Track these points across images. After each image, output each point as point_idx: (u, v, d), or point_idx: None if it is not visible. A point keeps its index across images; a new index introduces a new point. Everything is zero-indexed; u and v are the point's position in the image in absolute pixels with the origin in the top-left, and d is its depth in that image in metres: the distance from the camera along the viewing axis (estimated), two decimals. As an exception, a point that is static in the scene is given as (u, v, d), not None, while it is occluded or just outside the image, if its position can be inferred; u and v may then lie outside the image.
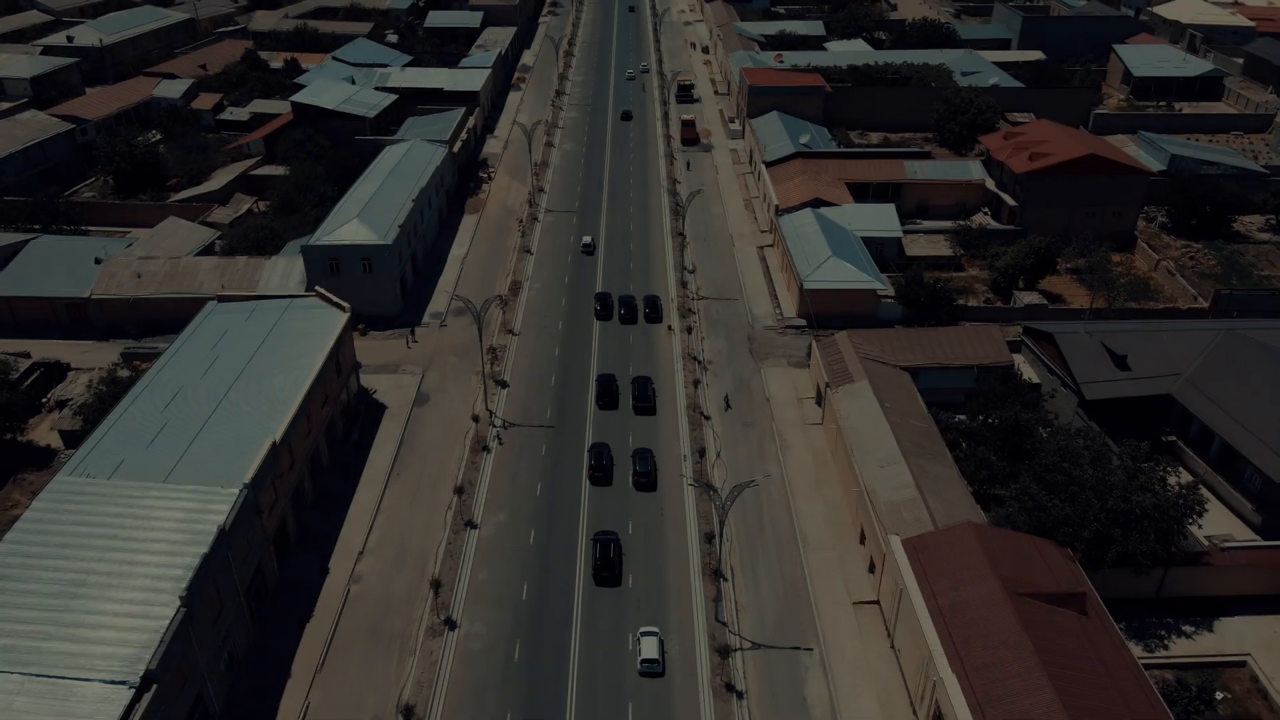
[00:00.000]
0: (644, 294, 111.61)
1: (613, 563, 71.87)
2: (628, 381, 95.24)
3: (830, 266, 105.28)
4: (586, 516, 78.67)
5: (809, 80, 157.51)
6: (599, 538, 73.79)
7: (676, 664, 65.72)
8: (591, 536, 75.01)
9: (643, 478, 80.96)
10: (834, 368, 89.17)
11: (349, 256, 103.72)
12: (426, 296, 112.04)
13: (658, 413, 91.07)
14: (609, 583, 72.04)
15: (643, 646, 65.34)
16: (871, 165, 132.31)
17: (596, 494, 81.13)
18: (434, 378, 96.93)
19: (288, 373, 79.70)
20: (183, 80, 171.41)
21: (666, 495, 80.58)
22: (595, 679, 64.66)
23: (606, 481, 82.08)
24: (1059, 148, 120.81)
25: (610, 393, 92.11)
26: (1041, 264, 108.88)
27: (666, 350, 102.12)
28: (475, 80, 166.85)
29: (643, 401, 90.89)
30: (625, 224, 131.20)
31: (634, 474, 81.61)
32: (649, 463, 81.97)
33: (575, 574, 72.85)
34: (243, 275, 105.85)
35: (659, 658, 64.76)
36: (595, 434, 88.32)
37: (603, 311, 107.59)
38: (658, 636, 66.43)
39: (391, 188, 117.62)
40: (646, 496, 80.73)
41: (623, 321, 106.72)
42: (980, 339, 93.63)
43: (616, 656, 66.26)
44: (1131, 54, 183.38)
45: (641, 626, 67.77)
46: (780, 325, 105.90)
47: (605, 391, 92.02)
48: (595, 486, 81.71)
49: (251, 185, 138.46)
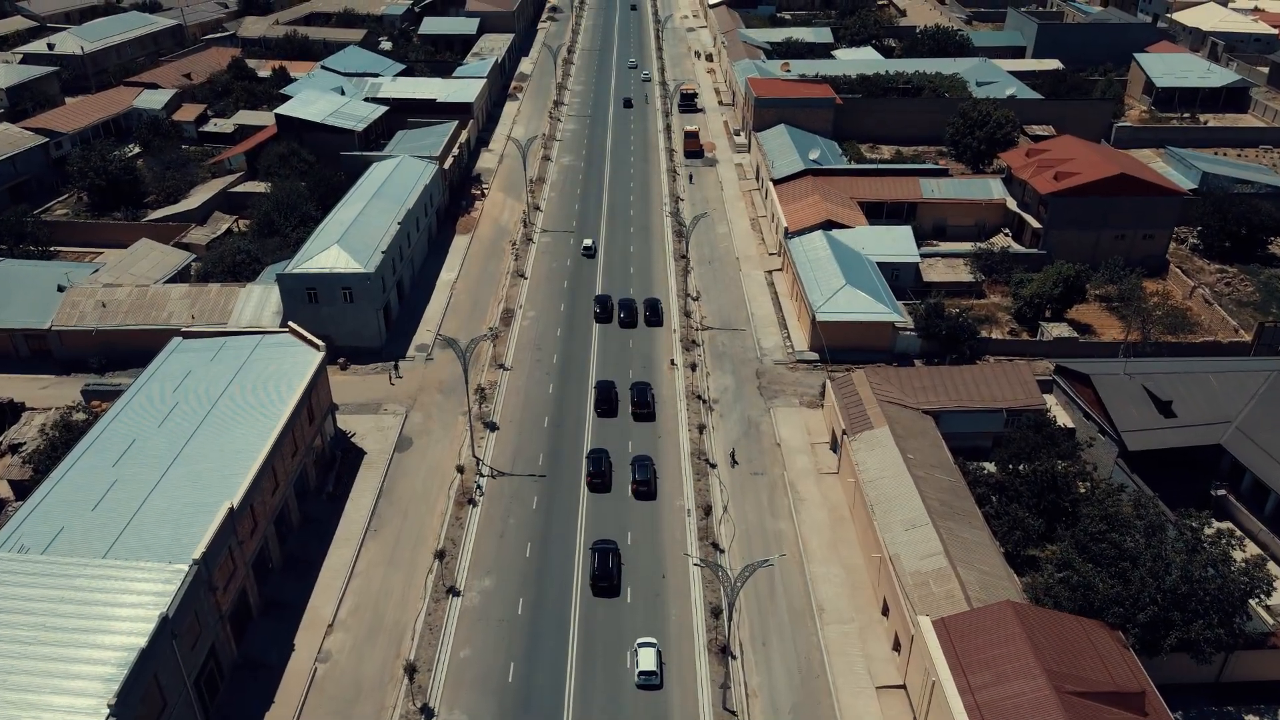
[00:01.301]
0: (645, 297, 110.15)
1: (611, 573, 69.86)
2: (627, 387, 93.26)
3: (844, 296, 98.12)
4: (585, 525, 76.43)
5: (818, 92, 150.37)
6: (598, 546, 71.89)
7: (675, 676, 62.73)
8: (590, 545, 72.94)
9: (642, 486, 78.93)
10: (851, 412, 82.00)
11: (328, 286, 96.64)
12: (413, 326, 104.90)
13: (656, 418, 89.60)
14: (608, 593, 69.57)
15: (640, 658, 63.16)
16: (886, 183, 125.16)
17: (595, 502, 78.97)
18: (418, 419, 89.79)
19: (253, 422, 72.63)
20: (165, 90, 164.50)
21: (670, 568, 73.22)
22: (591, 695, 61.51)
23: (605, 489, 79.90)
24: (1086, 166, 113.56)
25: (609, 399, 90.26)
26: (1070, 293, 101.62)
27: (667, 357, 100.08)
28: (469, 91, 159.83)
29: (642, 408, 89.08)
30: (625, 245, 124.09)
31: (633, 482, 79.41)
32: (649, 470, 79.87)
33: (567, 649, 65.70)
34: (214, 305, 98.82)
35: (657, 670, 62.69)
36: (594, 441, 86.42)
37: (602, 314, 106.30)
38: (656, 648, 64.25)
39: (377, 209, 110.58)
40: (646, 505, 78.75)
41: (623, 325, 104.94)
42: (1008, 379, 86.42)
43: (614, 669, 63.95)
44: (1153, 63, 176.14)
45: (639, 638, 65.41)
46: (791, 359, 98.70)
47: (604, 398, 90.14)
48: (594, 494, 79.73)
49: (232, 203, 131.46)
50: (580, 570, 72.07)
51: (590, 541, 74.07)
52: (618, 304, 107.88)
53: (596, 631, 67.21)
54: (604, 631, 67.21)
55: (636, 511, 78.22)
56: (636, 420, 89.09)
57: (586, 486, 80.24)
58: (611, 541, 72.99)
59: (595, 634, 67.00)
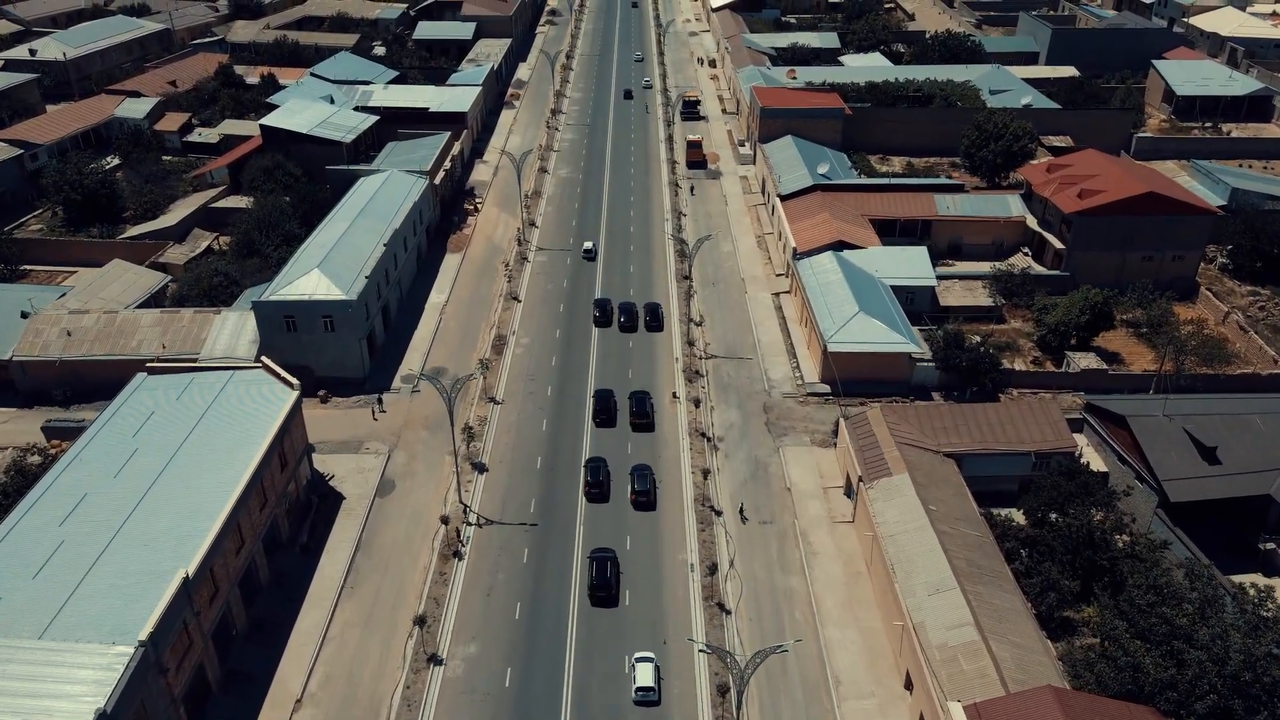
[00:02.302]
0: (645, 301, 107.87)
1: (610, 582, 68.29)
2: (626, 396, 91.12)
3: (857, 325, 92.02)
4: (581, 537, 74.59)
5: (827, 101, 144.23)
6: (595, 555, 70.25)
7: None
8: (588, 554, 71.33)
9: (641, 496, 76.98)
10: (867, 456, 75.94)
11: (307, 314, 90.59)
12: (399, 354, 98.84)
13: (655, 429, 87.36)
14: (606, 603, 68.07)
15: (638, 674, 61.43)
16: (899, 200, 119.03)
17: (593, 512, 77.31)
18: (402, 458, 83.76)
19: (218, 473, 66.58)
20: (147, 99, 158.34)
21: (670, 657, 67.14)
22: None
23: (604, 499, 78.03)
24: (1112, 183, 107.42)
25: (608, 409, 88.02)
26: (1097, 320, 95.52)
27: (668, 364, 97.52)
28: (464, 100, 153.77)
29: (641, 418, 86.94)
30: (625, 264, 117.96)
31: (632, 492, 77.53)
32: (648, 480, 77.88)
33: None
34: (187, 333, 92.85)
35: (655, 686, 60.96)
36: (592, 451, 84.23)
37: (601, 318, 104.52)
38: (654, 663, 62.37)
39: (362, 228, 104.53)
40: (646, 516, 76.78)
41: (623, 329, 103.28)
42: (1036, 418, 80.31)
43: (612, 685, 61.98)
44: (1173, 70, 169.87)
45: (637, 653, 63.52)
46: (800, 392, 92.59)
47: (603, 408, 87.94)
48: (592, 504, 77.97)
49: (214, 219, 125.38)
50: (573, 632, 66.13)
51: (587, 561, 71.44)
52: (617, 308, 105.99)
53: (599, 585, 67.84)
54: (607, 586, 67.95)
55: (635, 522, 76.16)
56: (635, 430, 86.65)
57: (584, 496, 78.25)
58: (610, 550, 71.49)
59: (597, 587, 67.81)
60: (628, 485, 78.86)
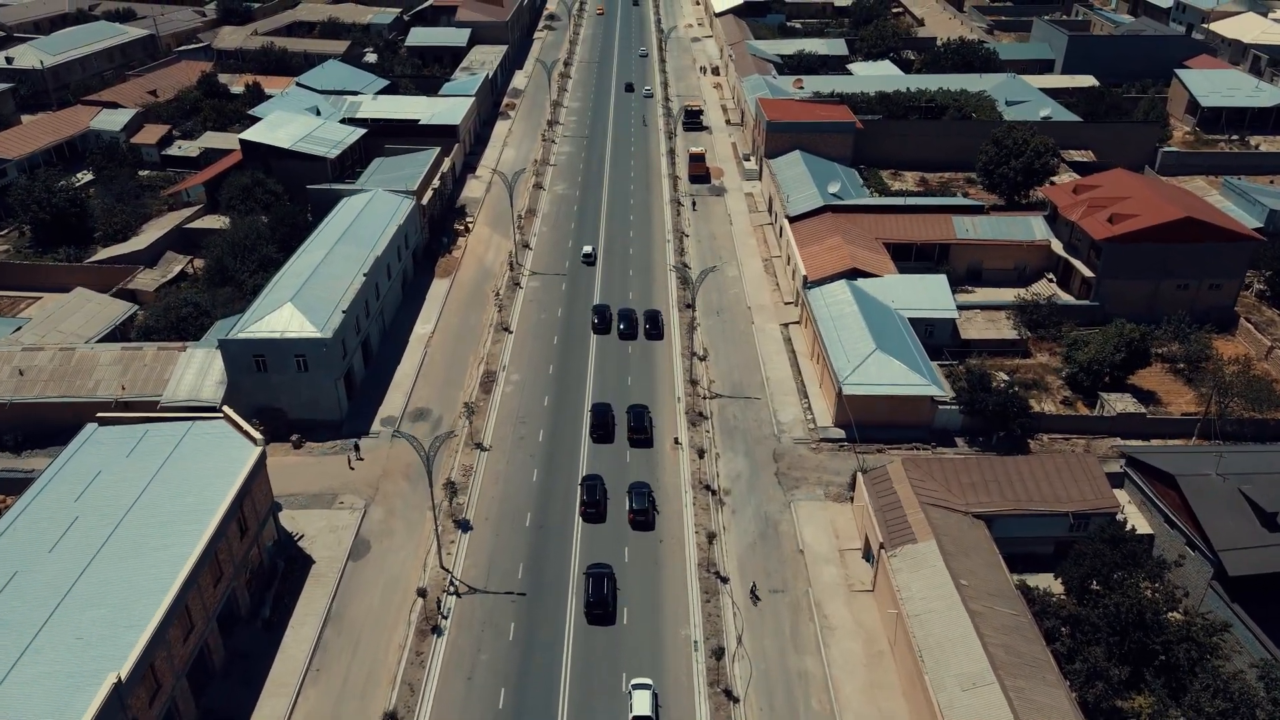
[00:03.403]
0: (645, 308, 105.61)
1: (606, 599, 65.96)
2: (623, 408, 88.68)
3: (874, 365, 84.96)
4: (578, 554, 72.40)
5: (837, 114, 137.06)
6: (592, 571, 68.08)
7: None
8: (584, 570, 69.14)
9: (639, 516, 74.27)
10: (888, 517, 68.91)
11: (278, 353, 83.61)
12: (380, 393, 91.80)
13: (654, 445, 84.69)
14: (602, 621, 65.82)
15: (634, 702, 58.70)
16: (915, 222, 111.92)
17: (589, 530, 74.71)
18: (379, 515, 76.73)
19: (167, 546, 59.64)
20: (125, 110, 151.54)
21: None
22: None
23: (600, 519, 75.50)
24: (1145, 207, 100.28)
25: (606, 424, 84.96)
26: (1133, 359, 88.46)
27: (667, 375, 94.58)
28: (455, 112, 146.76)
29: (639, 433, 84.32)
30: (625, 292, 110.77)
31: (630, 511, 74.71)
32: (645, 499, 75.18)
33: None
34: (149, 372, 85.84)
35: (653, 715, 58.10)
36: (589, 468, 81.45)
37: (600, 325, 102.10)
38: (651, 690, 59.57)
39: (342, 256, 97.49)
40: (644, 536, 74.07)
41: (622, 337, 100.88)
42: (1074, 474, 73.18)
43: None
44: (1197, 80, 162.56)
45: (634, 679, 60.75)
46: (813, 438, 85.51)
47: (601, 423, 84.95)
48: (588, 524, 75.30)
49: (189, 240, 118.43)
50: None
51: (583, 578, 69.24)
52: (617, 314, 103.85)
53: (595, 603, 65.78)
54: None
55: (633, 542, 73.46)
56: (633, 446, 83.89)
57: (580, 516, 75.81)
58: (606, 566, 69.40)
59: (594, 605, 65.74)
60: (625, 503, 76.36)
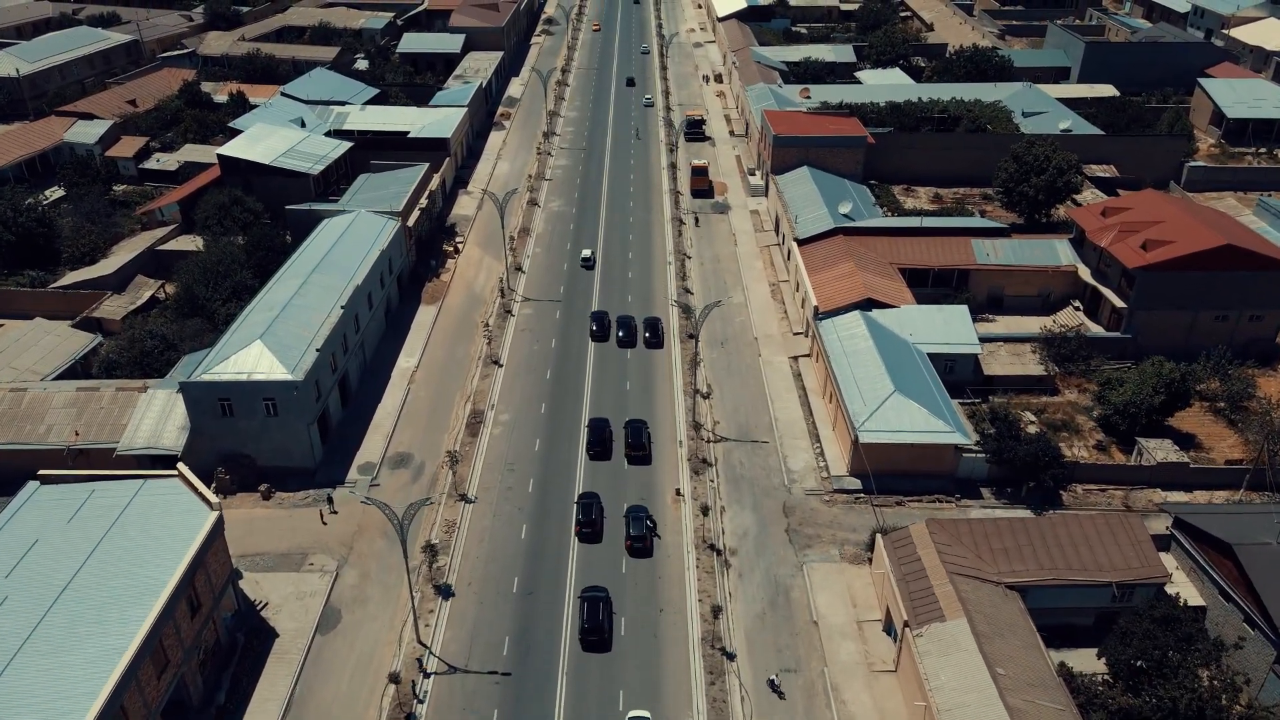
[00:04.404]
0: (644, 316, 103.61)
1: (602, 625, 63.55)
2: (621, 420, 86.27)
3: (893, 409, 78.19)
4: (573, 579, 69.68)
5: (846, 127, 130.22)
6: (586, 595, 65.51)
7: None
8: (579, 594, 66.63)
9: (638, 543, 71.42)
10: (912, 589, 62.19)
11: (245, 396, 76.88)
12: (358, 435, 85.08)
13: (652, 462, 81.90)
14: (598, 647, 63.39)
15: None
16: (932, 246, 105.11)
17: (585, 553, 72.07)
18: (352, 578, 70.02)
19: (104, 635, 52.95)
20: (101, 121, 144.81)
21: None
22: None
23: (596, 539, 72.74)
24: (1181, 233, 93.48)
25: (603, 440, 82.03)
26: (1173, 400, 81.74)
27: (667, 387, 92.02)
28: (447, 124, 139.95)
29: (637, 450, 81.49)
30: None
31: (628, 538, 71.67)
32: (643, 525, 72.21)
33: None
34: (106, 415, 79.19)
35: None
36: (585, 486, 78.79)
37: (599, 332, 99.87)
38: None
39: (319, 285, 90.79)
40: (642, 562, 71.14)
41: (621, 345, 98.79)
42: (1117, 538, 66.42)
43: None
44: (1221, 90, 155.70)
45: (631, 711, 58.45)
46: (827, 488, 78.74)
47: (598, 439, 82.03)
48: (584, 543, 72.62)
49: (161, 263, 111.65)
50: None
51: (577, 602, 66.78)
52: (615, 321, 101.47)
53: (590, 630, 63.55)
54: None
55: (631, 570, 70.49)
56: (631, 464, 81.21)
57: (575, 537, 72.98)
58: (602, 589, 66.91)
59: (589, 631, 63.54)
60: (623, 527, 73.53)
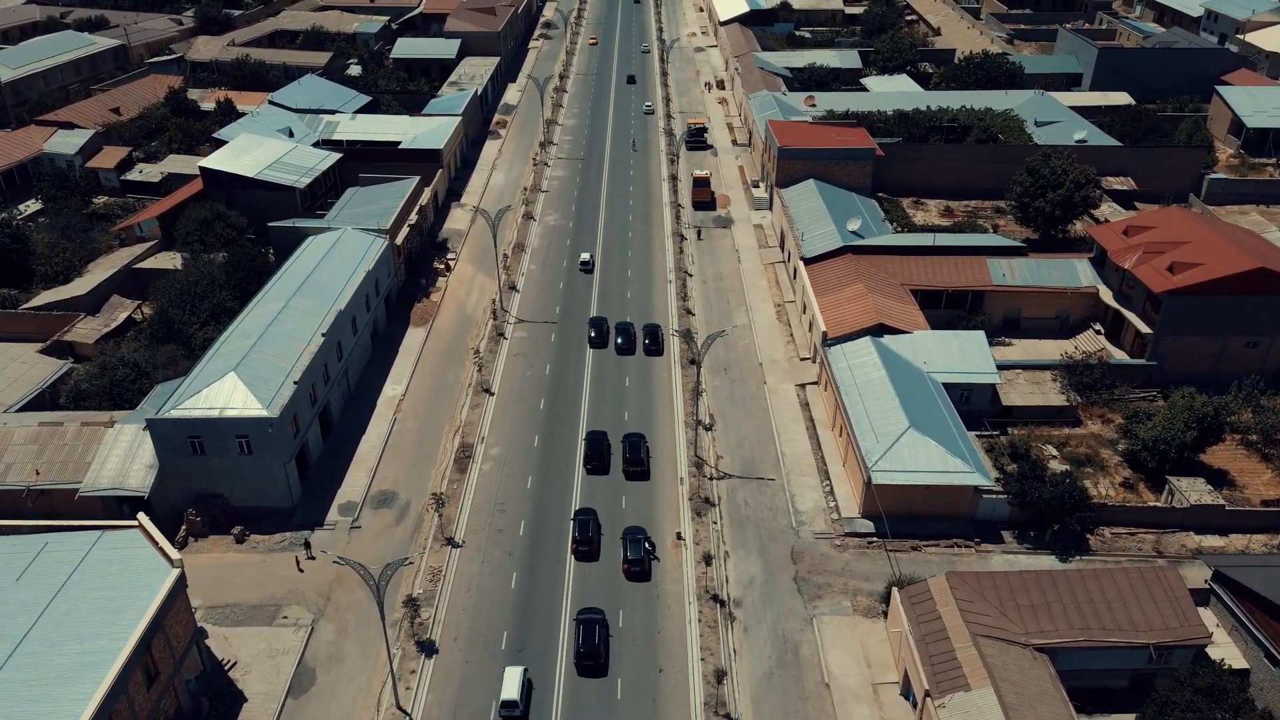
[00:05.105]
0: (644, 323, 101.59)
1: (598, 649, 61.38)
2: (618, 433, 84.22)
3: (908, 447, 73.30)
4: (569, 600, 67.58)
5: (854, 139, 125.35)
6: (582, 617, 63.43)
7: None
8: (574, 616, 64.71)
9: (635, 566, 69.06)
10: (933, 651, 57.34)
11: (217, 434, 72.04)
12: (340, 471, 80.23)
13: (651, 478, 79.52)
14: (594, 672, 61.16)
15: None
16: (945, 265, 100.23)
17: (581, 569, 70.11)
18: (328, 633, 65.18)
19: (46, 712, 48.09)
20: (83, 130, 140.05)
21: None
22: None
23: (593, 557, 70.89)
24: (1211, 254, 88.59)
25: (601, 454, 79.85)
26: (1205, 436, 76.90)
27: (666, 399, 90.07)
28: (439, 135, 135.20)
29: (635, 465, 79.24)
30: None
31: (625, 561, 69.27)
32: (640, 548, 69.76)
33: None
34: (69, 453, 74.44)
35: None
36: (583, 501, 76.80)
37: (597, 338, 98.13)
38: None
39: (299, 311, 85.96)
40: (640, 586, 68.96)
41: (620, 352, 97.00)
42: (1153, 594, 61.49)
43: None
44: (1240, 98, 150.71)
45: None
46: (837, 531, 73.84)
47: (596, 453, 79.85)
48: (580, 561, 70.77)
49: (140, 282, 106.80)
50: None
51: (573, 625, 64.71)
52: (614, 328, 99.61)
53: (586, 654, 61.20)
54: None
55: (629, 593, 68.18)
56: (630, 479, 78.93)
57: (572, 555, 70.92)
58: (598, 610, 64.54)
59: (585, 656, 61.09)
60: (620, 548, 71.26)
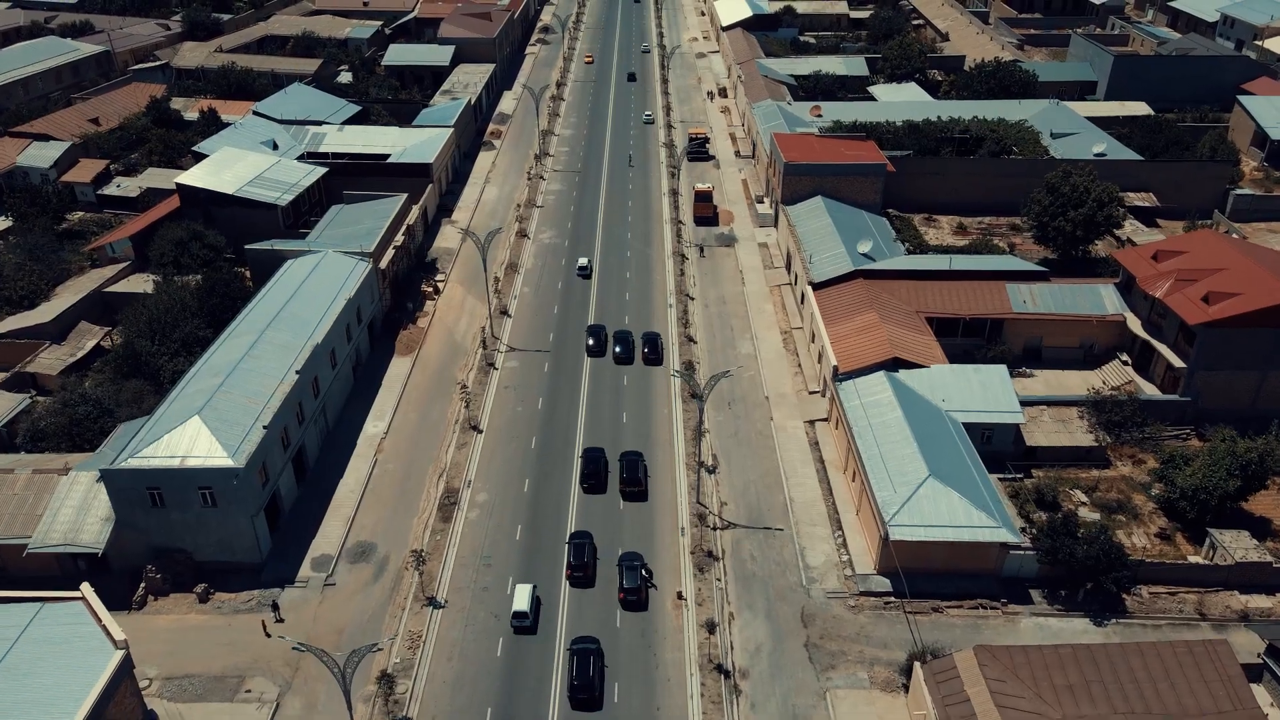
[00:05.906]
0: (643, 331, 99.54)
1: (592, 681, 59.17)
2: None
3: (928, 498, 67.56)
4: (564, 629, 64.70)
5: (863, 153, 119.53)
6: (576, 647, 60.91)
7: None
8: (568, 646, 62.04)
9: (631, 595, 66.46)
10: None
11: (178, 486, 66.29)
12: (315, 520, 74.48)
13: (648, 499, 76.98)
14: (587, 705, 59.00)
15: None
16: (962, 291, 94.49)
17: (576, 595, 67.38)
18: (295, 708, 59.47)
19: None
20: (58, 143, 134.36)
21: None
22: None
23: (589, 584, 68.50)
24: (1249, 283, 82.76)
25: (598, 473, 77.57)
26: (1249, 484, 71.18)
27: (665, 413, 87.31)
28: (429, 148, 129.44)
29: (632, 485, 76.99)
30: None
31: (620, 590, 66.66)
32: (637, 576, 67.21)
33: None
34: (20, 503, 68.77)
35: None
36: (578, 523, 74.06)
37: (595, 347, 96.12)
38: None
39: (273, 344, 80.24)
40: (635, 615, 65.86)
41: (618, 361, 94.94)
42: (1202, 670, 55.74)
43: None
44: (1263, 108, 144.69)
45: None
46: (851, 590, 68.08)
47: (592, 471, 77.56)
48: (575, 588, 68.21)
49: (109, 307, 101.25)
50: None
51: (566, 655, 62.15)
52: (613, 337, 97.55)
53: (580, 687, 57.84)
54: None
55: (625, 622, 65.31)
56: (627, 500, 76.39)
57: (567, 580, 68.64)
58: (593, 640, 61.96)
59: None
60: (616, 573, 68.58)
